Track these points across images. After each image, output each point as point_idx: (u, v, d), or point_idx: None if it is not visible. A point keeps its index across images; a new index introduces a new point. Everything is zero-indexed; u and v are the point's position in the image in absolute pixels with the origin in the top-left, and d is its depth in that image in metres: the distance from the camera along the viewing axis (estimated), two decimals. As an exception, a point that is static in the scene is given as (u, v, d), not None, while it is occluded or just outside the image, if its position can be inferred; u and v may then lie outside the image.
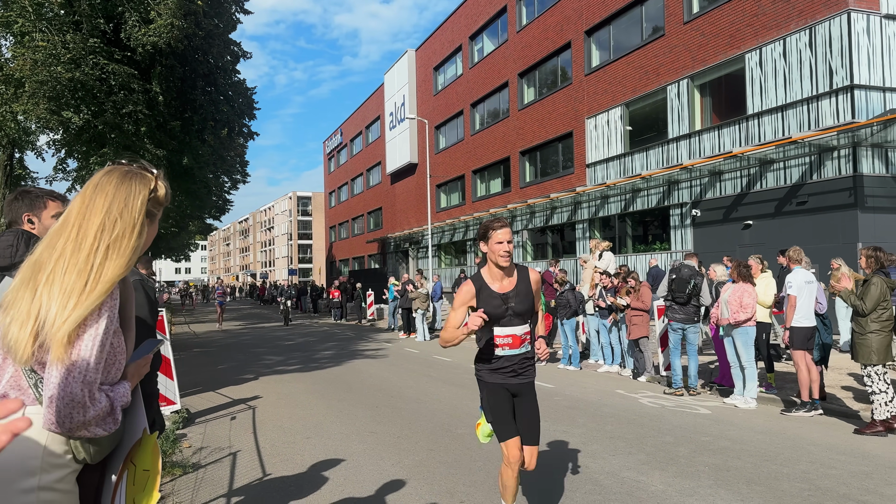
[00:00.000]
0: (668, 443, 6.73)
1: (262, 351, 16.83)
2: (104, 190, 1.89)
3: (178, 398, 8.31)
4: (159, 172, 2.05)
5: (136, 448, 2.01)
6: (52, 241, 1.83)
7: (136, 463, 2.00)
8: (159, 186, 2.01)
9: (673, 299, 9.82)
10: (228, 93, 24.85)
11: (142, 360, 2.02)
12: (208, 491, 5.42)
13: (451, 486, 5.38)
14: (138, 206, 1.92)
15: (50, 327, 1.69)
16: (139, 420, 2.01)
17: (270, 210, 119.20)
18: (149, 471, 2.00)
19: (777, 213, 17.02)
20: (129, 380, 1.92)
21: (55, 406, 1.67)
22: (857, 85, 15.18)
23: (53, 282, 1.74)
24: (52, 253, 1.80)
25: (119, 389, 1.84)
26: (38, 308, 1.72)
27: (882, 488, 5.16)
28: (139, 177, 1.97)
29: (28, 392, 1.76)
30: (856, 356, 7.18)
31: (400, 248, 44.03)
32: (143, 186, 1.96)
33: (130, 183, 1.93)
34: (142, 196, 1.94)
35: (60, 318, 1.69)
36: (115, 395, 1.81)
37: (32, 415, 1.75)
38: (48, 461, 1.75)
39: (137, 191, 1.94)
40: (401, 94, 42.49)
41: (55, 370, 1.68)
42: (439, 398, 9.56)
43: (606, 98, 23.99)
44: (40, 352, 1.72)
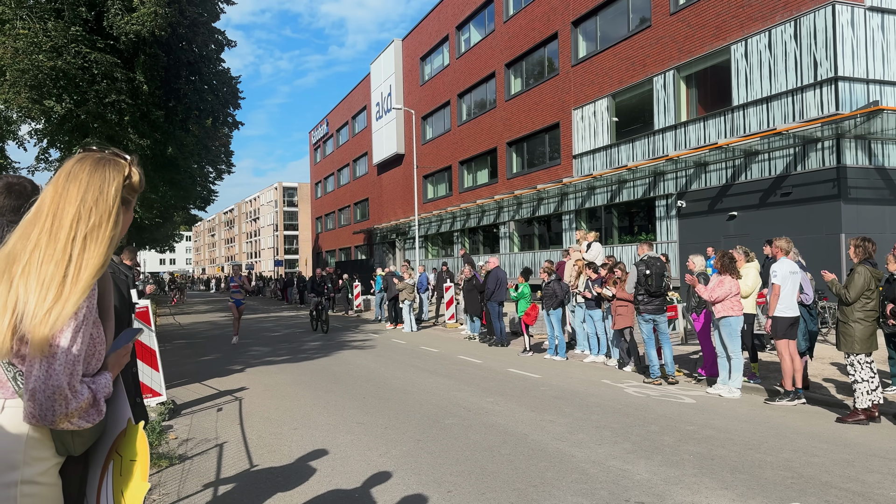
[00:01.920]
0: (654, 432, 6.79)
1: (248, 342, 16.76)
2: (77, 178, 1.85)
3: (163, 389, 8.26)
4: (133, 158, 2.01)
5: (121, 438, 1.99)
6: (26, 232, 1.79)
7: (122, 454, 1.99)
8: (133, 172, 1.97)
9: (646, 292, 9.97)
10: (213, 82, 24.61)
11: (122, 349, 1.99)
12: (195, 482, 5.40)
13: (438, 476, 5.40)
14: (113, 193, 1.88)
15: (29, 320, 1.67)
16: (122, 410, 1.99)
17: (256, 201, 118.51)
18: (135, 461, 1.99)
19: (761, 205, 17.15)
20: (109, 370, 1.90)
21: (37, 399, 1.65)
22: (842, 77, 15.30)
23: (30, 273, 1.71)
24: (27, 244, 1.76)
25: (100, 380, 1.82)
26: (16, 300, 1.69)
27: (863, 476, 5.23)
28: (112, 163, 1.93)
29: (7, 385, 1.74)
30: (840, 345, 7.27)
31: (387, 239, 43.95)
32: (118, 173, 1.92)
33: (104, 170, 1.90)
34: (116, 183, 1.90)
35: (40, 310, 1.66)
36: (96, 386, 1.79)
37: (12, 408, 1.73)
38: (30, 454, 1.73)
39: (111, 178, 1.90)
40: (387, 84, 42.31)
41: (36, 363, 1.65)
42: (426, 389, 9.57)
43: (593, 89, 24.02)
44: (19, 344, 1.69)
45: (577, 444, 6.32)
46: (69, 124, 21.01)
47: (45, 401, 1.65)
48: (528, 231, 29.27)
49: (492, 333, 15.26)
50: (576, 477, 5.32)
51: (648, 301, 10.01)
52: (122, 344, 2.01)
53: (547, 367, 11.77)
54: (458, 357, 13.20)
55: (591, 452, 6.03)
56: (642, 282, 9.97)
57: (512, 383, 9.99)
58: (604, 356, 12.08)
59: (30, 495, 1.71)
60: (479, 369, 11.53)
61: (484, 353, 13.77)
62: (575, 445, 6.29)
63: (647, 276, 9.93)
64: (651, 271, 9.93)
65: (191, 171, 28.95)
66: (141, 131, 20.95)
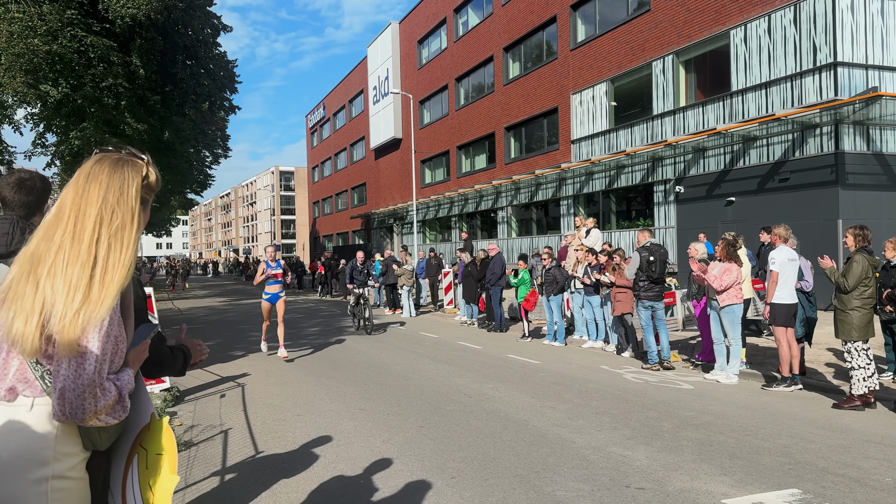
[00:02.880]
0: (653, 418, 6.87)
1: (247, 328, 16.82)
2: (97, 178, 1.88)
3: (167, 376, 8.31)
4: (148, 158, 2.04)
5: (144, 433, 2.04)
6: (49, 233, 1.82)
7: (148, 447, 2.04)
8: (150, 172, 2.00)
9: (648, 278, 10.02)
10: (209, 66, 24.46)
11: (141, 345, 2.04)
12: (202, 469, 5.47)
13: (441, 463, 5.48)
14: (133, 193, 1.92)
15: (58, 321, 1.70)
16: (145, 405, 2.04)
17: (252, 185, 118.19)
18: (162, 455, 2.04)
19: (759, 190, 17.19)
20: (130, 366, 1.94)
21: (67, 398, 1.70)
22: (841, 62, 15.29)
23: (56, 275, 1.74)
24: (51, 245, 1.79)
25: (124, 377, 1.86)
26: (42, 302, 1.73)
27: (859, 461, 5.32)
28: (131, 164, 1.96)
29: (35, 384, 1.78)
30: (837, 332, 7.34)
31: (384, 224, 43.94)
32: (136, 173, 1.95)
33: (123, 170, 1.93)
34: (136, 183, 1.93)
35: (69, 310, 1.70)
36: (121, 383, 1.83)
37: (41, 406, 1.78)
38: (60, 450, 1.78)
39: (131, 178, 1.93)
40: (384, 67, 42.08)
41: (64, 363, 1.70)
42: (427, 375, 9.66)
43: (592, 73, 23.95)
44: (46, 344, 1.74)
45: (578, 431, 6.40)
46: (66, 109, 20.90)
47: (75, 399, 1.70)
48: (525, 216, 29.30)
49: (490, 319, 15.34)
50: (577, 463, 5.40)
51: (649, 287, 10.07)
52: (141, 340, 2.06)
53: (546, 352, 11.87)
54: (458, 343, 13.29)
55: (591, 438, 6.12)
56: (645, 268, 10.02)
57: (511, 369, 10.07)
58: (602, 342, 12.18)
59: (60, 490, 1.76)
60: (479, 355, 11.62)
61: (483, 339, 13.86)
62: (575, 431, 6.37)
63: (650, 262, 9.97)
64: (655, 258, 9.98)
65: (187, 156, 28.88)
66: (138, 116, 20.86)
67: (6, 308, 1.76)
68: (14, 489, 1.72)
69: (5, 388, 1.78)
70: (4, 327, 1.75)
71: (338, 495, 4.79)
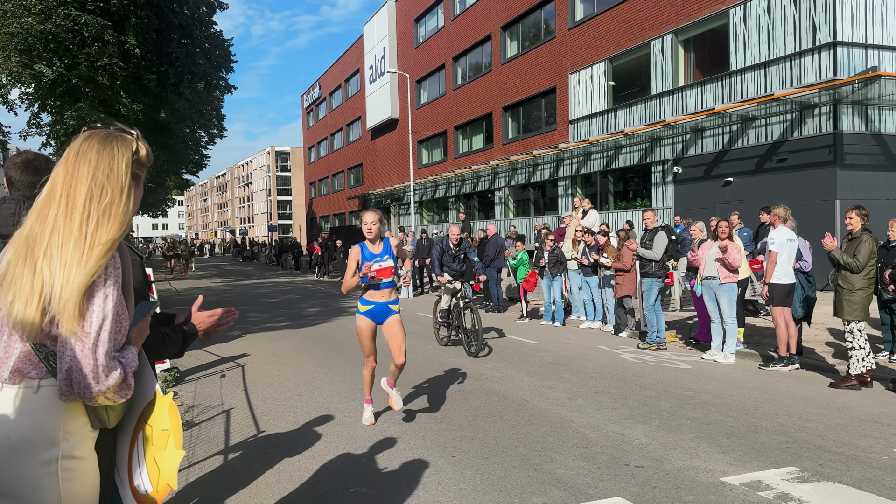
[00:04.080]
0: (651, 397, 6.93)
1: (246, 308, 16.85)
2: (87, 156, 1.86)
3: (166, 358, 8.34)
4: (138, 133, 2.03)
5: (149, 409, 2.05)
6: (42, 214, 1.81)
7: (153, 423, 2.05)
8: (140, 147, 1.99)
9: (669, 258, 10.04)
10: (205, 45, 24.26)
11: (142, 322, 2.04)
12: (204, 448, 5.51)
13: (442, 441, 5.52)
14: (123, 169, 1.91)
15: (58, 301, 1.70)
16: (148, 382, 2.05)
17: (248, 165, 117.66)
18: (168, 430, 2.05)
19: (757, 171, 17.18)
20: (133, 344, 1.95)
21: (74, 378, 1.70)
22: (840, 42, 15.21)
23: (52, 255, 1.74)
24: (45, 226, 1.78)
25: (128, 355, 1.87)
26: (42, 283, 1.72)
27: (856, 440, 5.38)
28: (120, 139, 1.95)
29: (40, 366, 1.78)
30: (840, 312, 7.36)
31: (381, 205, 43.86)
32: (126, 148, 1.94)
33: (112, 146, 1.91)
34: (125, 158, 1.92)
35: (66, 291, 1.70)
36: (126, 360, 1.84)
37: (47, 387, 1.78)
38: (68, 430, 1.78)
39: (121, 154, 1.92)
40: (381, 46, 41.75)
41: (69, 343, 1.70)
42: (426, 355, 9.70)
43: (590, 53, 23.80)
44: (49, 326, 1.74)
45: (577, 410, 6.45)
46: (60, 88, 20.75)
47: (81, 379, 1.70)
48: (523, 197, 29.26)
49: (487, 299, 15.38)
50: (576, 441, 5.45)
51: (661, 266, 10.07)
52: (142, 317, 2.06)
53: (544, 333, 11.92)
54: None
55: (590, 418, 6.17)
56: (669, 248, 10.06)
57: (510, 349, 10.12)
58: (600, 322, 12.23)
59: (70, 469, 1.77)
60: (477, 335, 11.65)
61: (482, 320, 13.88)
62: (574, 411, 6.42)
63: (671, 241, 10.01)
64: (676, 237, 10.05)
65: (183, 136, 28.72)
66: (133, 95, 20.71)
67: (5, 291, 1.75)
68: (24, 470, 1.73)
69: (9, 371, 1.78)
70: (4, 311, 1.74)
71: (341, 473, 4.83)
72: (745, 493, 4.30)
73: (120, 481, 2.07)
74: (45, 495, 1.73)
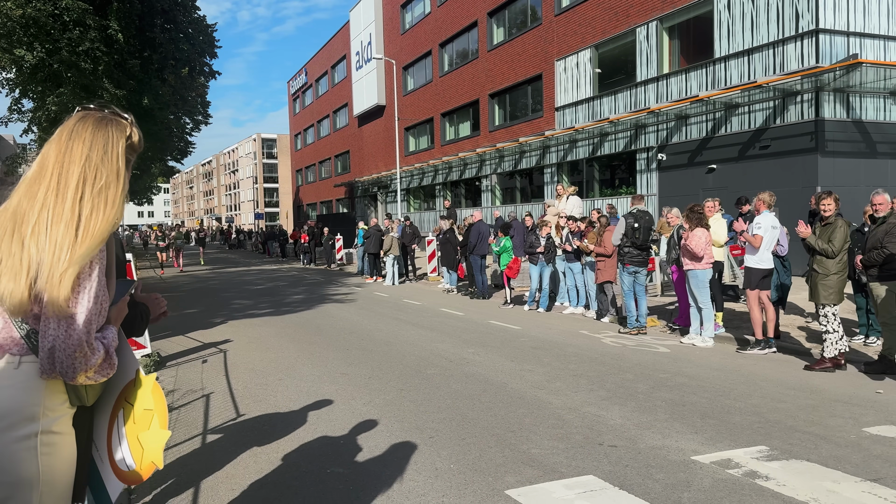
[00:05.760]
0: (628, 380, 7.01)
1: (230, 295, 16.82)
2: (81, 136, 1.87)
3: (148, 342, 8.34)
4: (132, 118, 2.04)
5: (129, 388, 2.08)
6: (32, 190, 1.81)
7: (133, 402, 2.07)
8: (134, 132, 2.00)
9: (632, 245, 10.13)
10: (188, 30, 24.02)
11: (121, 301, 2.06)
12: (183, 431, 5.53)
13: (420, 423, 5.57)
14: (119, 152, 1.92)
15: (45, 281, 1.71)
16: (129, 361, 2.08)
17: (234, 152, 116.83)
18: (152, 410, 2.08)
19: (740, 157, 17.29)
20: (113, 323, 1.97)
21: (57, 357, 1.72)
22: (822, 29, 15.30)
23: (40, 233, 1.74)
24: (34, 203, 1.79)
25: (109, 334, 1.89)
26: (29, 260, 1.73)
27: (826, 420, 5.49)
28: (115, 123, 1.96)
29: (21, 343, 1.80)
30: (815, 296, 7.47)
31: (368, 193, 43.76)
32: (121, 133, 1.95)
33: (107, 129, 1.92)
34: (121, 143, 1.93)
35: (56, 270, 1.71)
36: (107, 341, 1.86)
37: (28, 363, 1.80)
38: (48, 406, 1.81)
39: (116, 137, 1.93)
40: (367, 32, 41.49)
41: (52, 322, 1.71)
42: (409, 340, 9.75)
43: (576, 40, 23.79)
44: (34, 303, 1.75)
45: (555, 392, 6.52)
46: (42, 74, 20.48)
47: (65, 359, 1.72)
48: (509, 184, 29.28)
49: (472, 286, 15.44)
50: (552, 422, 5.52)
51: (634, 254, 10.17)
52: (121, 296, 2.08)
53: (527, 318, 12.00)
54: (441, 310, 13.38)
55: (567, 399, 6.24)
56: (629, 234, 10.12)
57: (492, 334, 10.19)
58: (583, 308, 12.32)
59: (49, 444, 1.80)
60: (461, 321, 11.73)
61: (466, 306, 13.97)
62: (552, 393, 6.49)
63: (635, 228, 10.08)
64: (640, 224, 10.09)
65: (167, 122, 28.51)
66: (116, 81, 20.49)
67: None
68: (3, 445, 1.75)
69: None
70: None
71: (318, 455, 4.88)
72: (715, 470, 4.39)
73: (99, 458, 2.10)
74: (23, 468, 1.76)
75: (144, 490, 4.26)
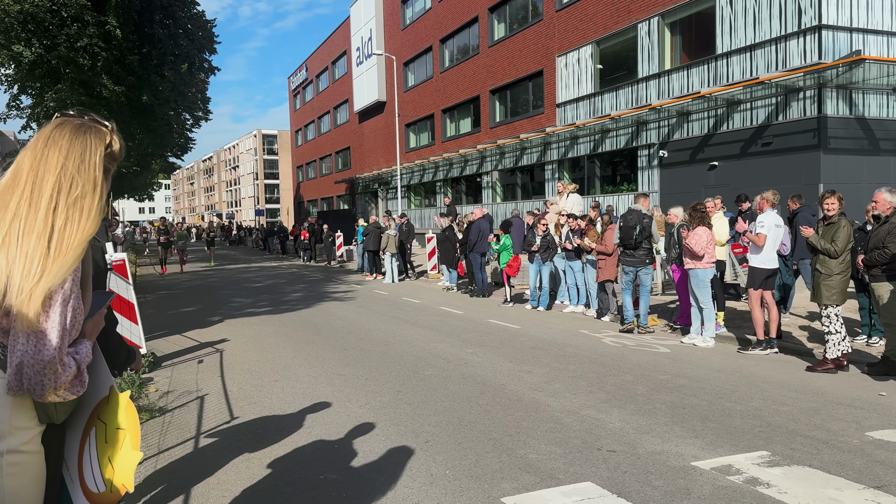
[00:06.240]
0: (628, 381, 6.93)
1: (229, 293, 16.75)
2: (57, 144, 1.79)
3: (143, 342, 8.26)
4: (113, 125, 1.96)
5: (103, 405, 1.99)
6: (4, 200, 1.74)
7: (106, 421, 1.99)
8: (114, 140, 1.92)
9: (623, 245, 10.08)
10: (188, 26, 23.92)
11: (97, 315, 1.98)
12: (175, 435, 5.46)
13: (416, 427, 5.50)
14: (96, 161, 1.84)
15: (15, 294, 1.64)
16: (103, 377, 2.00)
17: (235, 148, 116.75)
18: (124, 430, 1.99)
19: (742, 155, 17.18)
20: (87, 337, 1.89)
21: (25, 374, 1.65)
22: (825, 25, 15.17)
23: (11, 244, 1.67)
24: (5, 213, 1.71)
25: (82, 350, 1.81)
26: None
27: (828, 423, 5.40)
28: (94, 131, 1.88)
29: None
30: (817, 297, 7.37)
31: (369, 189, 43.66)
32: (100, 141, 1.87)
33: (85, 137, 1.84)
34: (99, 152, 1.86)
35: (27, 284, 1.64)
36: (80, 357, 1.78)
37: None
38: (14, 424, 1.73)
39: (94, 146, 1.85)
40: (367, 27, 41.33)
41: (22, 338, 1.64)
42: (407, 340, 9.67)
43: (577, 35, 23.65)
44: (3, 318, 1.67)
45: (553, 394, 6.44)
46: (40, 70, 20.40)
47: (34, 376, 1.65)
48: (510, 181, 29.17)
49: (472, 284, 15.36)
50: (550, 426, 5.44)
51: (630, 253, 10.11)
52: (97, 309, 2.00)
53: (527, 317, 11.91)
54: (440, 308, 13.30)
55: (566, 402, 6.16)
56: (619, 234, 10.09)
57: (492, 334, 10.11)
58: (583, 306, 12.23)
59: (15, 464, 1.73)
60: (460, 320, 11.65)
61: (465, 304, 13.89)
62: (551, 395, 6.41)
63: (620, 228, 10.06)
64: (625, 224, 10.04)
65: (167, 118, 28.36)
66: (115, 77, 20.40)
67: None
68: None
69: None
70: None
71: (312, 460, 4.80)
72: (715, 477, 4.31)
73: (69, 478, 2.02)
74: None
75: (134, 498, 4.18)
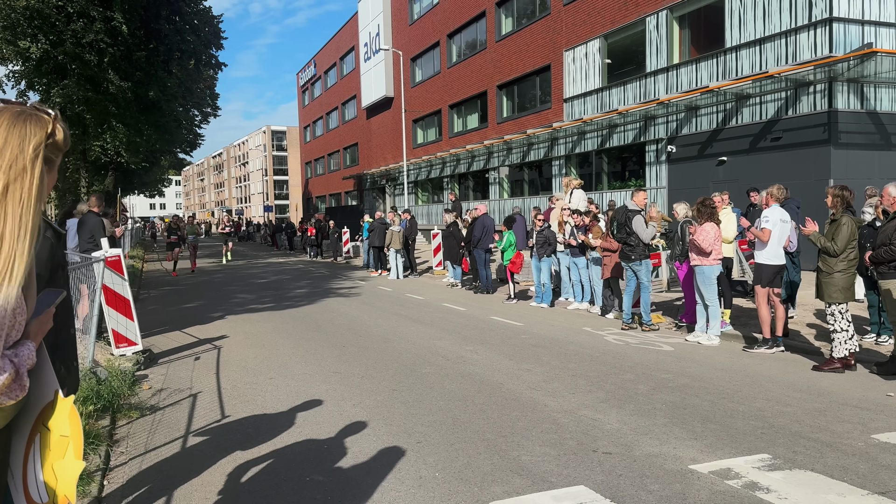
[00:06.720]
0: (629, 380, 6.78)
1: (233, 289, 16.69)
2: None
3: (139, 338, 8.19)
4: (57, 114, 1.84)
5: (48, 411, 1.88)
6: None
7: (51, 427, 1.88)
8: (58, 130, 1.80)
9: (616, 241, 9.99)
10: (194, 22, 23.85)
11: (44, 314, 1.86)
12: (164, 434, 5.36)
13: (409, 427, 5.38)
14: (31, 150, 1.73)
15: None
16: (48, 381, 1.88)
17: (244, 145, 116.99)
18: (67, 437, 1.88)
19: (751, 149, 16.94)
20: (31, 339, 1.78)
21: None
22: (836, 17, 14.90)
23: None
24: None
25: (23, 352, 1.70)
26: None
27: (833, 426, 5.24)
28: (34, 118, 1.77)
29: None
30: (821, 295, 7.21)
31: (377, 185, 43.56)
32: (39, 129, 1.76)
33: (24, 125, 1.73)
34: (36, 140, 1.74)
35: None
36: (20, 359, 1.67)
37: None
38: None
39: (32, 133, 1.74)
40: (375, 23, 41.19)
41: None
42: (407, 337, 9.56)
43: (585, 29, 23.41)
44: None
45: (551, 394, 6.31)
46: (46, 66, 20.44)
47: None
48: (518, 176, 28.98)
49: (476, 280, 15.23)
50: (546, 427, 5.31)
51: (621, 249, 10.02)
52: (44, 308, 1.88)
53: (530, 314, 11.77)
54: (443, 305, 13.18)
55: (564, 402, 6.02)
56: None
57: (493, 331, 9.98)
58: (587, 303, 12.08)
59: None
60: (462, 317, 11.52)
61: (469, 301, 13.76)
62: (549, 394, 6.28)
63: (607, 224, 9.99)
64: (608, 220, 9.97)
65: (175, 114, 28.36)
66: (122, 73, 20.40)
67: None
68: None
69: None
70: None
71: (300, 461, 4.69)
72: (713, 481, 4.16)
73: (14, 486, 1.91)
74: None
75: (116, 499, 4.09)
